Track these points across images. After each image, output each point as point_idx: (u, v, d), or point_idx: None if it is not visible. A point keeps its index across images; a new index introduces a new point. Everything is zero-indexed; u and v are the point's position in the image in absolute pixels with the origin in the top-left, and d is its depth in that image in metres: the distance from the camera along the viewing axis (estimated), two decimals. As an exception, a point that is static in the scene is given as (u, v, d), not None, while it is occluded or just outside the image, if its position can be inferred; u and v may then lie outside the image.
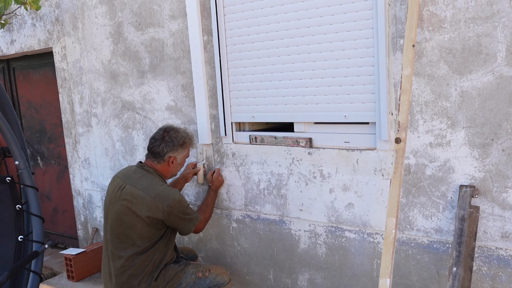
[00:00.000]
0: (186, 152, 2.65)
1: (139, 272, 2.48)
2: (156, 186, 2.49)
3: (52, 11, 3.82)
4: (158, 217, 2.43)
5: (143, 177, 2.53)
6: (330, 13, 2.38)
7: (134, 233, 2.46)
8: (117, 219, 2.49)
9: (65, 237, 4.57)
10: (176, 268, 2.57)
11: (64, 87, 3.92)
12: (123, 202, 2.47)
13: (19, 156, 1.90)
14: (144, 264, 2.49)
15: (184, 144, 2.62)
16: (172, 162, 2.60)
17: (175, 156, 2.59)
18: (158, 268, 2.52)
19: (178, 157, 2.61)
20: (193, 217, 2.59)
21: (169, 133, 2.59)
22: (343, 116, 2.44)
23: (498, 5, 1.94)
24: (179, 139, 2.59)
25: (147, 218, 2.43)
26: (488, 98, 2.01)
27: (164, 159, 2.57)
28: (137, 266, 2.48)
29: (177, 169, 2.67)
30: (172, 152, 2.57)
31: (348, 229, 2.54)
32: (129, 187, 2.49)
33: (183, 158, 2.66)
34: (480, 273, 2.14)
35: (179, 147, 2.59)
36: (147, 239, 2.47)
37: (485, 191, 2.08)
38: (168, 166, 2.61)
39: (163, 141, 2.57)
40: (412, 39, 2.05)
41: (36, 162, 4.62)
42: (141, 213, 2.43)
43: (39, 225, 1.90)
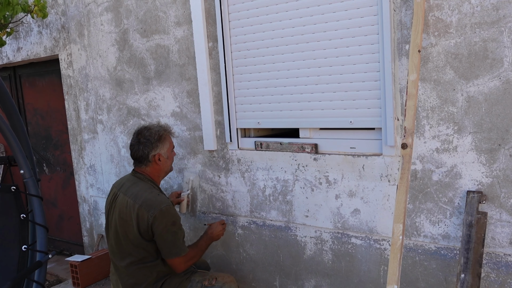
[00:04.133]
0: (168, 144, 2.58)
1: (142, 281, 2.46)
2: (145, 193, 2.43)
3: (58, 18, 3.85)
4: (144, 227, 2.38)
5: (134, 184, 2.50)
6: (335, 19, 2.38)
7: (128, 243, 2.43)
8: (114, 229, 2.49)
9: (70, 243, 4.58)
10: (182, 276, 2.54)
11: (70, 94, 3.94)
12: (116, 212, 2.47)
13: (24, 165, 1.90)
14: (147, 275, 2.46)
15: (161, 137, 2.55)
16: (159, 160, 2.54)
17: (158, 153, 2.53)
18: (163, 278, 2.50)
19: (162, 152, 2.54)
20: (178, 243, 2.43)
21: (142, 134, 2.54)
22: (349, 121, 2.44)
23: (504, 10, 1.93)
24: (154, 135, 2.52)
25: (137, 228, 2.39)
26: (495, 103, 2.00)
27: (149, 159, 2.53)
28: (139, 276, 2.46)
29: (167, 164, 2.60)
30: (153, 150, 2.52)
31: (354, 236, 2.52)
32: (121, 196, 2.48)
33: (168, 151, 2.59)
34: (488, 280, 2.12)
35: (158, 142, 2.53)
36: (141, 249, 2.43)
37: (493, 197, 2.06)
38: (157, 165, 2.55)
39: (140, 144, 2.52)
40: (418, 44, 2.05)
41: (42, 169, 4.63)
42: (131, 222, 2.40)
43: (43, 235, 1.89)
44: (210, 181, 3.10)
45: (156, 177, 2.59)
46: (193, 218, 3.23)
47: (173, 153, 2.65)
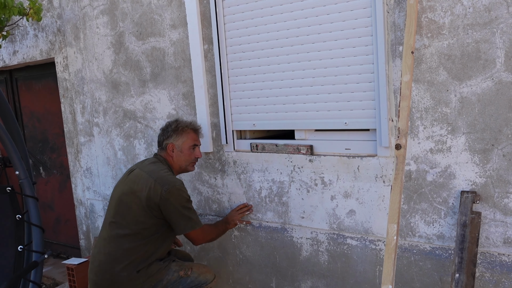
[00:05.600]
0: (185, 139, 2.63)
1: (124, 259, 2.46)
2: (161, 171, 2.52)
3: (54, 21, 3.85)
4: (155, 200, 2.42)
5: (153, 163, 2.59)
6: (329, 20, 2.40)
7: (129, 214, 2.47)
8: (118, 199, 2.54)
9: (67, 247, 4.57)
10: (160, 264, 2.54)
11: (66, 97, 3.95)
12: (128, 183, 2.54)
13: (20, 166, 1.91)
14: (132, 253, 2.46)
15: (178, 130, 2.62)
16: (172, 151, 2.62)
17: (172, 143, 2.61)
18: (145, 262, 2.49)
19: (177, 144, 2.61)
20: (193, 217, 2.52)
21: (169, 122, 2.69)
22: (344, 123, 2.45)
23: (496, 11, 1.95)
24: (173, 126, 2.63)
25: (145, 200, 2.43)
26: (488, 104, 2.02)
27: (163, 147, 2.64)
28: (123, 251, 2.46)
29: (180, 158, 2.64)
30: (168, 139, 2.62)
31: (350, 236, 2.53)
32: (138, 171, 2.57)
33: (184, 145, 2.63)
34: (483, 280, 2.13)
35: (173, 133, 2.61)
36: (141, 223, 2.46)
37: (487, 197, 2.08)
38: (169, 156, 2.63)
39: (162, 130, 2.68)
40: (411, 46, 2.06)
41: (38, 172, 4.63)
42: (141, 193, 2.45)
43: (39, 235, 1.90)
44: (206, 183, 3.11)
45: (171, 165, 2.65)
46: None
47: (191, 151, 2.66)
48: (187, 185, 3.20)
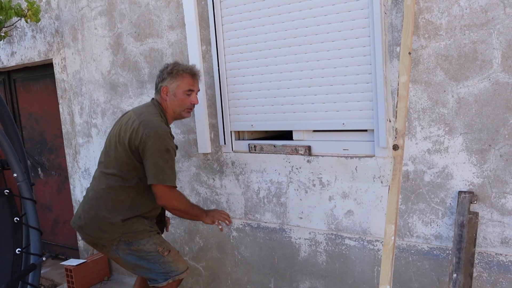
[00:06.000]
0: (179, 82, 2.47)
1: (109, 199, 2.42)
2: (150, 115, 2.41)
3: (52, 23, 3.85)
4: (136, 142, 2.33)
5: (145, 106, 2.52)
6: (327, 21, 2.40)
7: (115, 154, 2.41)
8: (108, 140, 2.52)
9: (65, 248, 4.57)
10: (147, 227, 2.47)
11: (64, 98, 3.95)
12: (118, 124, 2.51)
13: (17, 169, 1.91)
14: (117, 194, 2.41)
15: (173, 73, 2.48)
16: (166, 94, 2.48)
17: (166, 86, 2.48)
18: (130, 212, 2.42)
19: (170, 88, 2.47)
20: (167, 171, 2.33)
21: (166, 65, 2.56)
22: (341, 123, 2.45)
23: (492, 12, 1.96)
24: (169, 68, 2.50)
25: (128, 141, 2.36)
26: (485, 104, 2.02)
27: (158, 89, 2.52)
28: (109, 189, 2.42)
29: (173, 102, 2.49)
30: (162, 81, 2.50)
31: (348, 237, 2.54)
32: (130, 113, 2.52)
33: (178, 89, 2.47)
34: (480, 280, 2.14)
35: (168, 75, 2.48)
36: (125, 165, 2.40)
37: (484, 197, 2.08)
38: (164, 99, 2.50)
39: (159, 73, 2.55)
40: (408, 47, 2.07)
41: (36, 173, 4.62)
42: (125, 134, 2.38)
43: (37, 238, 1.90)
44: (204, 184, 3.11)
45: (164, 109, 2.53)
46: (188, 221, 3.23)
47: (186, 96, 2.50)
48: (185, 185, 3.21)
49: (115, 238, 2.42)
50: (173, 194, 2.39)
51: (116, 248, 2.45)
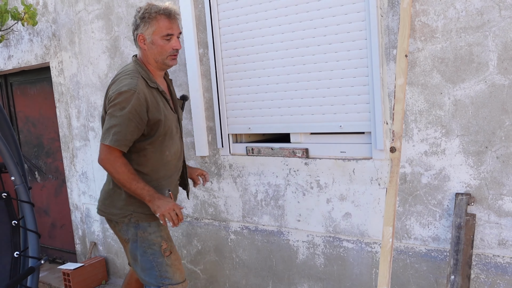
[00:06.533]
0: (154, 28, 2.19)
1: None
2: (122, 75, 2.20)
3: (49, 26, 3.85)
4: (107, 107, 2.17)
5: (123, 66, 2.33)
6: (323, 24, 2.41)
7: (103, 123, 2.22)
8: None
9: (63, 251, 4.55)
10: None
11: (61, 102, 3.94)
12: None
13: (15, 172, 1.90)
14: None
15: (145, 17, 2.20)
16: (144, 43, 2.23)
17: (141, 34, 2.22)
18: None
19: (146, 35, 2.21)
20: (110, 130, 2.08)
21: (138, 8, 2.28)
22: (339, 126, 2.46)
23: (488, 15, 1.97)
24: (140, 13, 2.22)
25: (104, 108, 2.23)
26: (481, 106, 2.03)
27: (135, 39, 2.27)
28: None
29: (153, 51, 2.23)
30: (136, 29, 2.24)
31: (346, 239, 2.54)
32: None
33: (154, 35, 2.20)
34: (478, 281, 2.14)
35: (141, 21, 2.21)
36: None
37: (481, 199, 2.09)
38: (142, 49, 2.26)
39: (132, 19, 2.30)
40: (405, 49, 2.08)
41: (33, 177, 4.61)
42: (103, 102, 2.25)
43: (35, 241, 1.90)
44: (202, 187, 3.11)
45: (145, 62, 2.28)
46: (186, 224, 3.23)
47: (165, 42, 2.22)
48: (183, 189, 3.20)
49: (126, 215, 2.26)
50: (110, 156, 2.11)
51: (126, 229, 2.28)
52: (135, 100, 2.10)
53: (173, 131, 2.31)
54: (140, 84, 2.15)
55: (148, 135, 2.21)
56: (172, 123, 2.30)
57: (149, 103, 2.16)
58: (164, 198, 2.17)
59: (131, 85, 2.12)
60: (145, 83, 2.19)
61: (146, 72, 2.24)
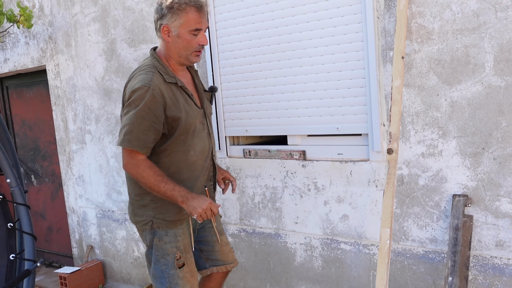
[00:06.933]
0: (183, 20, 1.99)
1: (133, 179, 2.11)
2: (137, 71, 2.06)
3: (45, 29, 3.84)
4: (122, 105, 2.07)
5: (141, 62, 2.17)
6: (320, 27, 2.41)
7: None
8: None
9: (59, 255, 4.53)
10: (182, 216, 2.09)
11: (58, 105, 3.93)
12: None
13: (11, 174, 1.89)
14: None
15: (174, 7, 1.98)
16: (168, 35, 2.03)
17: (166, 25, 2.00)
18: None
19: (172, 27, 2.00)
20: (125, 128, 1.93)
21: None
22: (336, 128, 2.46)
23: (484, 17, 1.97)
24: (168, 2, 2.00)
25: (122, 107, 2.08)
26: (478, 108, 2.04)
27: (157, 28, 2.06)
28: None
29: (177, 45, 2.03)
30: (161, 18, 2.02)
31: (343, 241, 2.53)
32: None
33: (182, 28, 2.00)
34: (476, 283, 2.14)
35: (168, 11, 1.99)
36: None
37: (478, 200, 2.09)
38: (165, 41, 2.05)
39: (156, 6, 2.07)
40: (401, 51, 2.08)
41: (30, 180, 4.59)
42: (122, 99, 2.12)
43: (31, 243, 1.88)
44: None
45: (166, 55, 2.09)
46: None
47: (192, 37, 2.02)
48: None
49: (147, 222, 2.11)
50: (132, 160, 1.96)
51: (145, 234, 2.16)
52: (149, 97, 1.93)
53: (198, 128, 2.11)
54: (155, 80, 1.98)
55: (169, 135, 2.03)
56: (196, 119, 2.10)
57: (167, 99, 1.98)
58: (198, 197, 1.99)
59: (145, 81, 1.95)
60: (161, 78, 2.01)
61: (163, 66, 2.05)
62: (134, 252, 3.63)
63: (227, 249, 2.33)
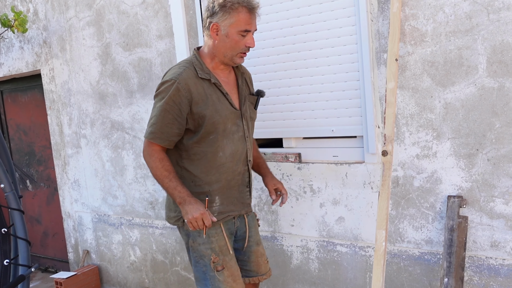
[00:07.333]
0: (234, 20, 1.95)
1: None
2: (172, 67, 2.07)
3: (39, 33, 3.84)
4: None
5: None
6: (314, 29, 2.42)
7: None
8: None
9: (55, 260, 4.51)
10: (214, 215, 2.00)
11: (53, 109, 3.92)
12: None
13: (5, 179, 1.88)
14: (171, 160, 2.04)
15: (226, 6, 1.94)
16: (216, 34, 1.98)
17: (216, 23, 1.96)
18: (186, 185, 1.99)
19: (222, 26, 1.96)
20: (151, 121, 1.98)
21: None
22: (331, 130, 2.47)
23: (477, 19, 1.99)
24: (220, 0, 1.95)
25: None
26: (472, 109, 2.05)
27: (206, 26, 2.01)
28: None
29: (225, 44, 1.99)
30: (212, 16, 1.97)
31: (339, 243, 2.54)
32: None
33: (231, 28, 1.96)
34: (471, 283, 2.15)
35: (220, 9, 1.95)
36: None
37: (473, 201, 2.10)
38: (212, 39, 2.00)
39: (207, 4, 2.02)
40: (395, 53, 2.09)
41: (25, 185, 4.57)
42: None
43: (25, 249, 1.87)
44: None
45: (210, 53, 2.05)
46: (179, 231, 3.21)
47: (241, 38, 1.98)
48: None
49: (179, 218, 2.08)
50: (148, 149, 2.00)
51: (182, 234, 2.13)
52: (174, 90, 1.93)
53: (229, 129, 2.05)
54: (185, 74, 1.97)
55: (195, 131, 2.01)
56: (228, 119, 2.03)
57: (194, 94, 1.96)
58: (195, 204, 1.94)
59: (174, 75, 1.96)
60: (194, 73, 1.99)
61: (200, 63, 2.03)
62: (130, 256, 3.61)
63: (262, 260, 2.26)
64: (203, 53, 2.08)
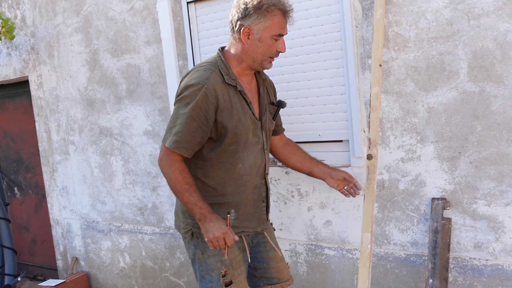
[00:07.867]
0: (268, 23, 1.83)
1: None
2: (195, 68, 1.92)
3: (27, 40, 3.83)
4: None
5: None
6: (300, 35, 2.46)
7: None
8: None
9: (44, 268, 4.47)
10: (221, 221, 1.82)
11: (41, 115, 3.91)
12: None
13: (-9, 187, 1.89)
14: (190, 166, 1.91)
15: (262, 8, 1.81)
16: (248, 37, 1.85)
17: (248, 26, 1.83)
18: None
19: (255, 29, 1.83)
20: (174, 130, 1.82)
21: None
22: (318, 135, 2.50)
23: (458, 25, 2.04)
24: (255, 2, 1.81)
25: None
26: (454, 113, 2.09)
27: (236, 29, 1.87)
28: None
29: (256, 48, 1.87)
30: (243, 18, 1.83)
31: (327, 247, 2.56)
32: None
33: (265, 32, 1.84)
34: (456, 284, 2.18)
35: (254, 12, 1.81)
36: None
37: (456, 203, 2.14)
38: (243, 43, 1.88)
39: (234, 7, 1.88)
40: (379, 59, 2.13)
41: (12, 192, 4.54)
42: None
43: (11, 258, 1.87)
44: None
45: (237, 57, 1.92)
46: (168, 236, 3.21)
47: (273, 42, 1.87)
48: (165, 200, 3.19)
49: (187, 229, 1.97)
50: (168, 158, 1.84)
51: (188, 246, 2.01)
52: (201, 96, 1.79)
53: (250, 140, 1.94)
54: (212, 78, 1.83)
55: (216, 141, 1.89)
56: (249, 131, 1.92)
57: (220, 101, 1.83)
58: (216, 221, 1.79)
59: (200, 78, 1.81)
60: (220, 78, 1.86)
61: (226, 67, 1.90)
62: (119, 263, 3.60)
63: (283, 265, 2.15)
64: (229, 55, 1.93)
